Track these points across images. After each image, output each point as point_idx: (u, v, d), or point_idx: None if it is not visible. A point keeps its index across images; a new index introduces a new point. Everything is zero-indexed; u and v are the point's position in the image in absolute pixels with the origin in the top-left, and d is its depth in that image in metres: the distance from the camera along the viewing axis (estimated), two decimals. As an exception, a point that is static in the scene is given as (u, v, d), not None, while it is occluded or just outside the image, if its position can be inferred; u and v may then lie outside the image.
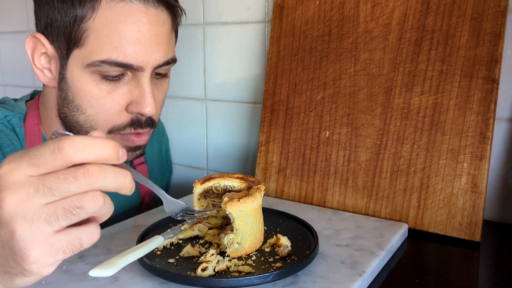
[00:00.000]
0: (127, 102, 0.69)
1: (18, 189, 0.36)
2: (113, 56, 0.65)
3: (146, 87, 0.68)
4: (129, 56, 0.66)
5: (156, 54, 0.68)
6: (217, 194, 0.65)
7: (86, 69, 0.66)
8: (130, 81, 0.69)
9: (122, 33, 0.65)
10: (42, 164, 0.36)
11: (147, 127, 0.72)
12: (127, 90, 0.69)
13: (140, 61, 0.67)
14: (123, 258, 0.52)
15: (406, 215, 0.76)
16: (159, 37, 0.68)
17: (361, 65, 0.82)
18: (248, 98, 1.04)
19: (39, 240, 0.37)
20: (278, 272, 0.53)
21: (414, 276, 0.62)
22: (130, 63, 0.66)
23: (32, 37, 0.70)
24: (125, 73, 0.68)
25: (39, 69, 0.71)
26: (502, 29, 0.72)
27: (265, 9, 0.99)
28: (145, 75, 0.68)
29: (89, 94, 0.68)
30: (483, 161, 0.72)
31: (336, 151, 0.83)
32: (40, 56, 0.70)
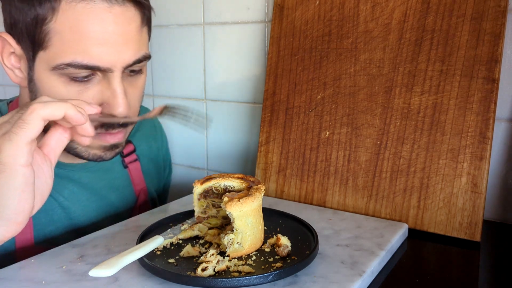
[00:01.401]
0: (98, 103, 0.67)
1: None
2: (78, 59, 0.63)
3: (117, 87, 0.66)
4: (95, 58, 0.63)
5: (124, 54, 0.65)
6: (217, 194, 0.65)
7: (53, 72, 0.65)
8: (101, 81, 0.66)
9: (86, 35, 0.62)
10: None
11: (120, 128, 0.71)
12: (98, 91, 0.67)
13: (107, 62, 0.64)
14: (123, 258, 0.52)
15: (406, 215, 0.76)
16: (126, 36, 0.65)
17: (361, 65, 0.82)
18: (248, 98, 1.04)
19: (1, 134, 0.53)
20: (278, 272, 0.53)
21: (414, 276, 0.62)
22: (96, 65, 0.63)
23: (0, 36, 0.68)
24: (95, 73, 0.66)
25: (9, 69, 0.70)
26: (502, 29, 0.72)
27: (265, 9, 0.99)
28: (115, 76, 0.66)
29: (58, 96, 0.65)
30: (483, 161, 0.72)
31: (336, 151, 0.83)
32: (9, 55, 0.69)
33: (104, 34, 0.63)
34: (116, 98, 0.66)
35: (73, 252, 0.64)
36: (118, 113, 0.66)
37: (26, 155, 0.51)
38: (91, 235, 0.70)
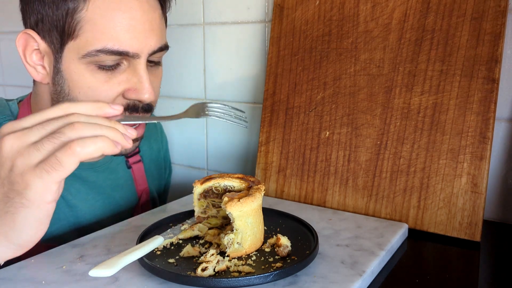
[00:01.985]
0: (124, 90, 0.70)
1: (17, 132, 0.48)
2: (109, 45, 0.66)
3: (143, 73, 0.69)
4: (125, 44, 0.66)
5: (150, 40, 0.69)
6: (217, 194, 0.65)
7: (82, 60, 0.67)
8: (127, 70, 0.69)
9: (116, 21, 0.66)
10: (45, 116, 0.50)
11: (143, 112, 0.73)
12: (124, 78, 0.69)
13: (136, 48, 0.67)
14: (123, 258, 0.52)
15: (406, 215, 0.76)
16: (152, 23, 0.69)
17: (361, 65, 0.82)
18: (248, 98, 1.04)
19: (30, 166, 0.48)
20: (278, 272, 0.53)
21: (414, 276, 0.62)
22: (126, 50, 0.66)
23: (23, 33, 0.70)
24: (121, 61, 0.68)
25: (31, 66, 0.71)
26: (502, 29, 0.72)
27: (265, 9, 0.99)
28: (141, 62, 0.69)
29: (85, 85, 0.68)
30: (483, 161, 0.72)
31: (336, 151, 0.83)
32: (32, 52, 0.70)
33: (133, 20, 0.67)
34: (142, 83, 0.69)
35: (73, 252, 0.64)
36: (146, 98, 0.69)
37: (55, 193, 0.50)
38: (91, 235, 0.70)
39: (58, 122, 0.49)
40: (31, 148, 0.48)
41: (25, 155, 0.47)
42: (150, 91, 0.70)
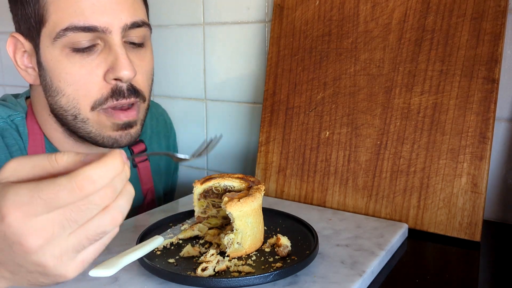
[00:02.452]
0: (103, 72, 0.67)
1: (41, 232, 0.35)
2: (75, 21, 0.64)
3: (118, 49, 0.66)
4: (91, 18, 0.64)
5: (119, 13, 0.66)
6: (217, 194, 0.65)
7: (55, 45, 0.65)
8: (103, 50, 0.67)
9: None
10: (60, 205, 0.35)
11: (131, 96, 0.69)
12: (102, 59, 0.67)
13: (104, 21, 0.65)
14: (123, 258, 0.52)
15: (406, 215, 0.76)
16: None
17: (361, 65, 0.82)
18: (248, 98, 1.04)
19: (71, 265, 0.38)
20: (278, 272, 0.53)
21: (414, 276, 0.62)
22: (93, 25, 0.64)
23: (11, 37, 0.69)
24: (96, 42, 0.66)
25: (23, 70, 0.71)
26: (502, 29, 0.72)
27: (265, 9, 0.99)
28: (114, 38, 0.66)
29: (63, 71, 0.66)
30: (483, 161, 0.72)
31: (336, 151, 0.83)
32: (22, 56, 0.70)
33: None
34: (118, 59, 0.66)
35: (73, 252, 0.64)
36: (124, 75, 0.66)
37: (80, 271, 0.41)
38: (91, 235, 0.70)
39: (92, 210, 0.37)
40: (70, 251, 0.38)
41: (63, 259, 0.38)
42: (129, 67, 0.66)
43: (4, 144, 0.72)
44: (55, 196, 0.34)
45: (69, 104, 0.68)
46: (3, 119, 0.74)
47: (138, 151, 0.90)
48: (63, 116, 0.70)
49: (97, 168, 0.35)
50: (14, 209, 0.34)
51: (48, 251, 0.36)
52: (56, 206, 0.35)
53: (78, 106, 0.68)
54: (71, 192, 0.34)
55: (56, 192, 0.34)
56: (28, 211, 0.35)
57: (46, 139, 0.76)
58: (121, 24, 0.66)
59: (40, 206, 0.35)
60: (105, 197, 0.37)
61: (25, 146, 0.74)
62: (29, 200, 0.34)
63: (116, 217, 0.38)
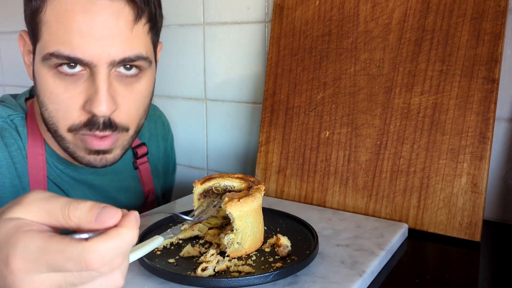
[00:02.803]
0: (83, 101, 0.65)
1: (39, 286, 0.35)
2: (61, 49, 0.62)
3: (99, 84, 0.63)
4: (77, 50, 0.62)
5: (109, 48, 0.63)
6: (217, 194, 0.65)
7: (44, 63, 0.65)
8: (88, 79, 0.65)
9: (70, 25, 0.61)
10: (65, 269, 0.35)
11: (106, 130, 0.66)
12: (84, 88, 0.65)
13: (90, 55, 0.62)
14: (123, 258, 0.51)
15: (406, 215, 0.76)
16: (113, 30, 0.63)
17: (361, 65, 0.82)
18: (248, 98, 1.04)
19: None
20: (278, 272, 0.53)
21: (414, 276, 0.62)
22: (78, 57, 0.62)
23: (20, 34, 0.70)
24: (82, 70, 0.64)
25: (28, 66, 0.71)
26: (502, 29, 0.71)
27: (265, 9, 0.99)
28: (99, 71, 0.63)
29: (48, 89, 0.66)
30: (483, 161, 0.72)
31: (336, 151, 0.83)
32: (28, 53, 0.70)
33: (88, 26, 0.61)
34: (97, 94, 0.63)
35: (73, 252, 0.64)
36: (98, 111, 0.64)
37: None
38: (91, 235, 0.70)
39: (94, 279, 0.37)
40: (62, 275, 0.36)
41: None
42: (105, 104, 0.63)
43: (3, 143, 0.72)
44: (61, 263, 0.34)
45: (50, 119, 0.68)
46: (2, 118, 0.74)
47: (141, 154, 0.91)
48: (47, 126, 0.70)
49: (110, 243, 0.35)
50: (20, 261, 0.35)
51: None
52: (60, 270, 0.35)
53: (57, 124, 0.68)
54: (78, 264, 0.34)
55: (63, 261, 0.34)
56: (32, 269, 0.35)
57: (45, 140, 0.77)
58: (108, 59, 0.63)
59: (45, 267, 0.35)
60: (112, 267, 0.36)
61: (24, 146, 0.74)
62: (36, 259, 0.34)
63: (118, 280, 0.37)
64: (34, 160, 0.75)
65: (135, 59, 0.66)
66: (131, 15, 0.64)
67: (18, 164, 0.73)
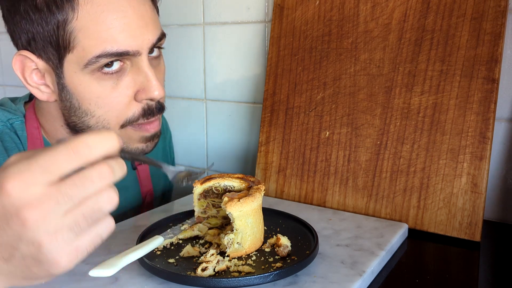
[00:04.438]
0: (134, 92, 0.68)
1: (38, 204, 0.36)
2: (108, 48, 0.64)
3: (148, 71, 0.68)
4: (123, 44, 0.65)
5: (147, 34, 0.67)
6: (217, 194, 0.65)
7: (85, 70, 0.65)
8: (131, 70, 0.68)
9: (109, 23, 0.64)
10: (57, 169, 0.36)
11: (159, 112, 0.72)
12: (131, 79, 0.68)
13: (134, 45, 0.66)
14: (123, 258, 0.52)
15: (406, 215, 0.76)
16: (144, 17, 0.67)
17: (361, 65, 0.82)
18: (248, 98, 1.04)
19: (66, 249, 0.38)
20: (278, 272, 0.53)
21: (414, 276, 0.62)
22: (126, 50, 0.65)
23: (18, 55, 0.67)
24: (124, 64, 0.67)
25: (34, 87, 0.69)
26: (502, 29, 0.72)
27: (265, 9, 0.99)
28: (143, 59, 0.67)
29: (94, 95, 0.67)
30: (483, 161, 0.72)
31: (336, 151, 0.83)
32: (31, 73, 0.68)
33: (125, 19, 0.65)
34: (150, 81, 0.68)
35: (73, 252, 0.64)
36: (156, 95, 0.68)
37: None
38: (91, 235, 0.70)
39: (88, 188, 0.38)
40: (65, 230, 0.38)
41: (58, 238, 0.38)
42: (159, 87, 0.68)
43: (3, 147, 0.72)
44: (52, 161, 0.36)
45: (99, 124, 0.69)
46: (2, 122, 0.74)
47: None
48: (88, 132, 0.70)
49: (92, 135, 0.37)
50: (13, 178, 0.36)
51: (43, 227, 0.37)
52: (53, 174, 0.36)
53: (108, 125, 0.69)
54: (67, 155, 0.36)
55: (53, 156, 0.36)
56: (26, 179, 0.36)
57: (47, 143, 0.76)
58: (149, 44, 0.68)
59: (38, 172, 0.36)
60: (101, 174, 0.38)
61: (24, 150, 0.74)
62: (27, 167, 0.36)
63: (113, 197, 0.39)
64: None
65: (162, 37, 0.71)
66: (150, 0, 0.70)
67: None
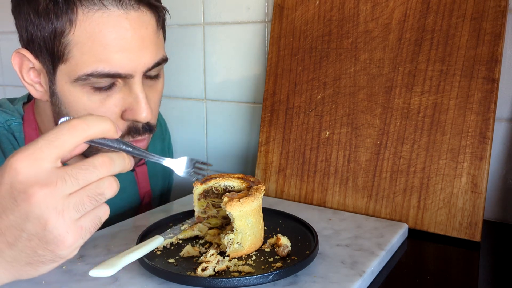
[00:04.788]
0: (121, 110, 0.67)
1: (46, 182, 0.40)
2: (99, 68, 0.63)
3: (139, 93, 0.66)
4: (116, 65, 0.63)
5: (143, 58, 0.65)
6: (217, 194, 0.65)
7: (75, 84, 0.64)
8: (122, 89, 0.66)
9: (105, 43, 0.62)
10: (61, 144, 0.41)
11: (145, 133, 0.70)
12: (120, 98, 0.66)
13: (128, 68, 0.64)
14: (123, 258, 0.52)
15: (406, 215, 0.76)
16: (144, 40, 0.65)
17: (361, 65, 0.82)
18: (248, 98, 1.04)
19: (71, 227, 0.41)
20: (278, 272, 0.53)
21: (414, 276, 0.62)
22: (117, 72, 0.63)
23: (17, 53, 0.67)
24: (116, 82, 0.66)
25: (29, 84, 0.69)
26: (502, 29, 0.72)
27: (265, 9, 0.99)
28: (135, 81, 0.66)
29: (82, 107, 0.66)
30: (483, 161, 0.72)
31: (336, 151, 0.83)
32: (28, 71, 0.68)
33: (122, 40, 0.63)
34: (139, 103, 0.66)
35: (73, 252, 0.64)
36: (143, 118, 0.67)
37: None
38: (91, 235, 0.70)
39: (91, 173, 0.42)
40: (71, 209, 0.41)
41: (65, 215, 0.41)
42: (147, 110, 0.67)
43: (1, 149, 0.72)
44: (56, 135, 0.40)
45: None
46: (0, 123, 0.74)
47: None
48: None
49: (90, 116, 0.43)
50: (21, 158, 0.39)
51: (51, 203, 0.40)
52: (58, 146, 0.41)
53: None
54: (68, 130, 0.41)
55: (56, 132, 0.41)
56: (34, 156, 0.39)
57: None
58: (143, 68, 0.66)
59: (45, 147, 0.40)
60: (103, 162, 0.43)
61: None
62: (34, 146, 0.40)
63: (113, 183, 0.44)
64: None
65: (161, 62, 0.70)
66: (155, 22, 0.68)
67: None
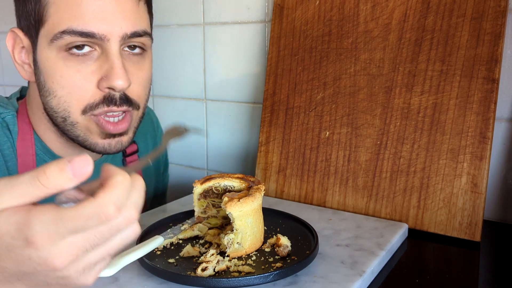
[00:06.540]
0: (97, 79, 0.66)
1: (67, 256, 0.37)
2: (73, 25, 0.62)
3: (114, 58, 0.64)
4: (90, 24, 0.62)
5: (120, 22, 0.64)
6: (217, 194, 0.65)
7: (52, 46, 0.64)
8: (100, 57, 0.66)
9: (81, 1, 0.62)
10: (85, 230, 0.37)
11: (123, 104, 0.68)
12: (97, 66, 0.66)
13: (102, 29, 0.63)
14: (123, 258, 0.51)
15: (406, 215, 0.76)
16: (124, 6, 0.65)
17: (361, 65, 0.82)
18: (248, 98, 1.04)
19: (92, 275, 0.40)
20: (278, 272, 0.53)
21: (414, 276, 0.62)
22: (91, 31, 0.62)
23: (11, 32, 0.69)
24: (93, 48, 0.65)
25: (19, 65, 0.71)
26: (502, 29, 0.72)
27: (265, 9, 0.99)
28: (112, 47, 0.64)
29: (58, 73, 0.66)
30: (483, 161, 0.72)
31: (336, 151, 0.83)
32: (20, 51, 0.70)
33: (100, 1, 0.63)
34: (113, 68, 0.64)
35: (73, 252, 0.64)
36: (118, 84, 0.65)
37: None
38: (91, 235, 0.70)
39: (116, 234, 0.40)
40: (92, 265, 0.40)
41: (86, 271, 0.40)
42: (124, 77, 0.64)
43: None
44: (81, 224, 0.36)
45: (60, 106, 0.68)
46: None
47: (131, 152, 0.90)
48: (53, 117, 0.70)
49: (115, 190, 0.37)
50: (42, 235, 0.36)
51: (72, 268, 0.38)
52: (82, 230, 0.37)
53: (69, 109, 0.68)
54: (98, 219, 0.36)
55: (83, 221, 0.36)
56: (56, 237, 0.36)
57: (36, 137, 0.76)
58: (120, 33, 0.65)
59: (67, 232, 0.36)
60: (129, 219, 0.39)
61: (14, 143, 0.75)
62: (55, 228, 0.36)
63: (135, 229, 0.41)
64: (24, 158, 0.75)
65: (142, 34, 0.68)
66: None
67: (10, 163, 0.73)
